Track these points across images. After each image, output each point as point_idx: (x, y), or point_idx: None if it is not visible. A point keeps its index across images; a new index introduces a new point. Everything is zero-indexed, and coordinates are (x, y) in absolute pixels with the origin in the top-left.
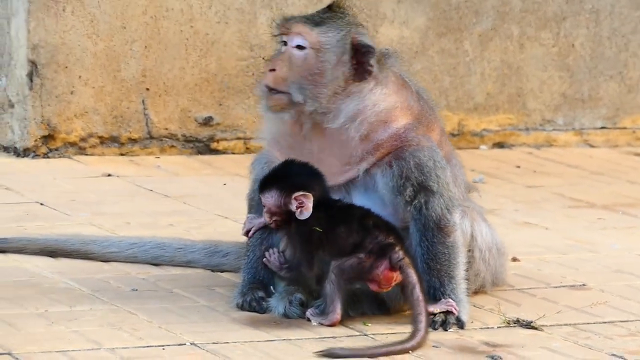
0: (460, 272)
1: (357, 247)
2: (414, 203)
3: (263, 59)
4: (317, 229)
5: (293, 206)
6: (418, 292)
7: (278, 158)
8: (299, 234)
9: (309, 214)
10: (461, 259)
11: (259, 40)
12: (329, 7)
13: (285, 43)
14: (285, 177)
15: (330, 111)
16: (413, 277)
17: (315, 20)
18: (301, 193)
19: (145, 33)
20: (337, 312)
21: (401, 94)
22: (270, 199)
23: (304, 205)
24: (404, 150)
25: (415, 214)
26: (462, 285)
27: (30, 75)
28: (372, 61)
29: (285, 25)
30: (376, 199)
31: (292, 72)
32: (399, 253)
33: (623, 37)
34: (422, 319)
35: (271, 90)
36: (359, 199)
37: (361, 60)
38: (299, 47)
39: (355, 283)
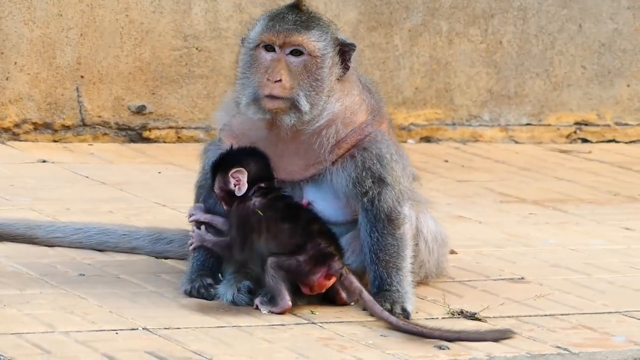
0: (407, 264)
1: (299, 249)
2: (368, 195)
3: (197, 49)
4: (259, 212)
5: (231, 184)
6: (367, 295)
7: (226, 141)
8: (237, 213)
9: (245, 189)
10: (408, 251)
11: (193, 31)
12: (297, 7)
13: (271, 49)
14: (223, 158)
15: (316, 115)
16: (356, 283)
17: (304, 25)
18: (235, 169)
19: (81, 21)
20: (287, 300)
21: (362, 90)
22: (216, 182)
23: (240, 181)
24: (366, 143)
25: (367, 205)
26: (409, 277)
27: None
28: (352, 58)
29: (277, 35)
30: (328, 191)
31: (296, 80)
32: (337, 264)
33: (549, 35)
34: (386, 315)
35: (273, 96)
36: (311, 193)
37: (343, 58)
38: (295, 53)
39: (289, 281)
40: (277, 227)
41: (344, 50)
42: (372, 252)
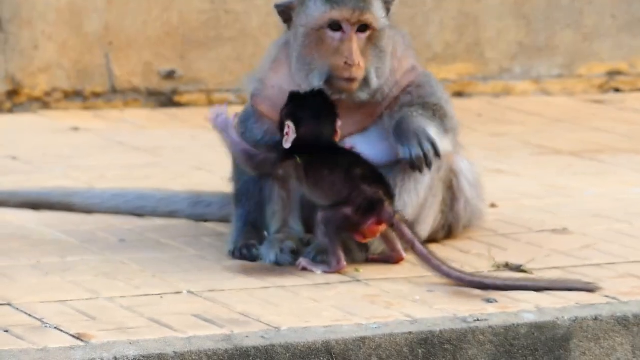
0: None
1: (343, 200)
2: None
3: (224, 11)
4: (298, 159)
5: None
6: (420, 247)
7: (267, 115)
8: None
9: (289, 145)
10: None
11: None
12: None
13: (338, 28)
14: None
15: (383, 82)
16: (409, 233)
17: None
18: (289, 122)
19: None
20: (342, 260)
21: (398, 34)
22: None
23: (288, 134)
24: (418, 81)
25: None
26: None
27: None
28: (392, 10)
29: (350, 14)
30: (372, 134)
31: (366, 58)
32: (389, 209)
33: None
34: (443, 268)
35: (351, 79)
36: (353, 138)
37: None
38: (362, 29)
39: (342, 233)
40: (317, 175)
41: (388, 8)
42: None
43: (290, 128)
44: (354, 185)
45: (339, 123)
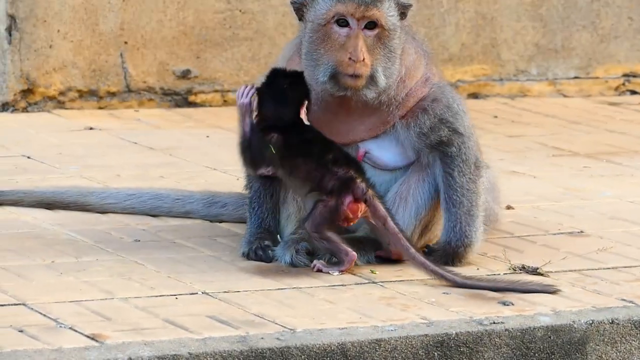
0: (480, 213)
1: (318, 186)
2: (451, 143)
3: (240, 11)
4: (272, 149)
5: None
6: (392, 225)
7: None
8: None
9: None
10: (482, 200)
11: None
12: None
13: (345, 24)
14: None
15: (390, 84)
16: (382, 209)
17: None
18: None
19: None
20: (350, 252)
21: (412, 42)
22: None
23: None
24: (433, 94)
25: (452, 151)
26: (481, 228)
27: (9, 30)
28: (408, 15)
29: (355, 9)
30: (386, 140)
31: (372, 54)
32: (361, 185)
33: None
34: (411, 251)
35: (356, 75)
36: (367, 144)
37: (401, 19)
38: (370, 26)
39: (332, 226)
40: (292, 163)
41: (403, 12)
42: (455, 196)
43: (254, 101)
44: (326, 170)
45: (304, 108)
